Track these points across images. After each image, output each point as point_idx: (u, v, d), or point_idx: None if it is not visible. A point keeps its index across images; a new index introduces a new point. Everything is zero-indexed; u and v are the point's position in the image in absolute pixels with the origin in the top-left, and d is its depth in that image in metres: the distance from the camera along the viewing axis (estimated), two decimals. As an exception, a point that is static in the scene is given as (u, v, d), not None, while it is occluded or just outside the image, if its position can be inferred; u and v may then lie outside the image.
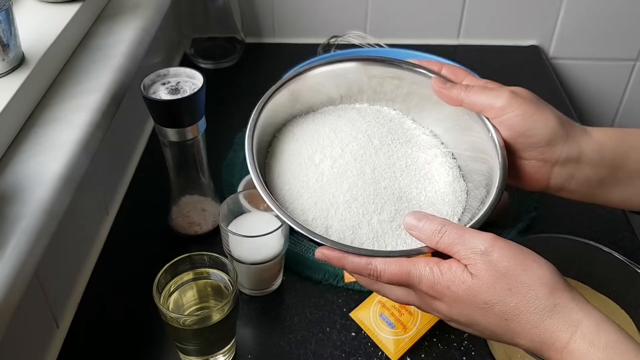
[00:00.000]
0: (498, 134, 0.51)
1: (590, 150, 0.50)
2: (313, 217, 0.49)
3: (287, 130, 0.56)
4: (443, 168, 0.55)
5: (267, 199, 0.47)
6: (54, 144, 0.58)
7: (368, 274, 0.45)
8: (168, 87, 0.62)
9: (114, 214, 0.77)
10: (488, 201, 0.49)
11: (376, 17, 1.10)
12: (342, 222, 0.49)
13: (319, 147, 0.53)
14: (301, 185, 0.51)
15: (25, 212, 0.50)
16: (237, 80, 1.04)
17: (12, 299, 0.46)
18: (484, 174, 0.52)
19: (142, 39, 0.77)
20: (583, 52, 1.13)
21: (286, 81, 0.54)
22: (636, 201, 0.53)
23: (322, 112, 0.58)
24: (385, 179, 0.52)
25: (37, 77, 0.62)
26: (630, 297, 0.60)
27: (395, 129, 0.57)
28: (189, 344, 0.57)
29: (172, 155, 0.67)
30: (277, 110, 0.55)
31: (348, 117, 0.56)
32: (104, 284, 0.69)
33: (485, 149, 0.52)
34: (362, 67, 0.57)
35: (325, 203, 0.50)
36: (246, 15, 1.10)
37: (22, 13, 0.70)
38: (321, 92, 0.58)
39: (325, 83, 0.57)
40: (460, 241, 0.43)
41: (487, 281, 0.42)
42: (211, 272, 0.59)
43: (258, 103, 0.52)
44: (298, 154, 0.53)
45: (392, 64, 0.56)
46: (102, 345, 0.62)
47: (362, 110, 0.58)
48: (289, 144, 0.54)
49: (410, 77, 0.56)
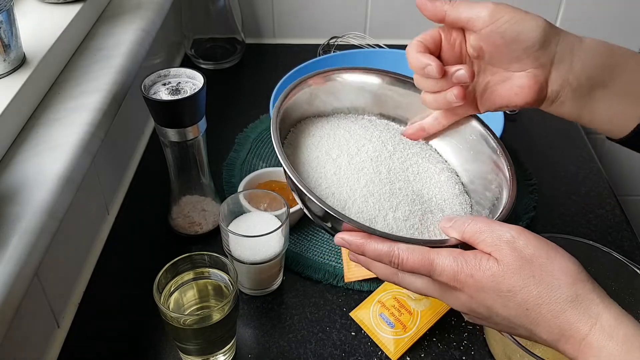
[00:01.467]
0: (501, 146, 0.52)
1: (582, 52, 0.50)
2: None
3: (303, 127, 0.57)
4: (450, 181, 0.55)
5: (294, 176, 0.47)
6: (54, 144, 0.58)
7: (390, 260, 0.44)
8: (169, 87, 0.62)
9: (114, 214, 0.77)
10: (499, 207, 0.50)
11: (376, 17, 1.10)
12: (359, 215, 0.49)
13: (336, 144, 0.54)
14: (319, 176, 0.51)
15: (26, 212, 0.51)
16: (238, 80, 1.04)
17: (13, 299, 0.46)
18: (487, 197, 0.53)
19: (142, 40, 0.77)
20: (582, 52, 1.13)
21: (310, 77, 0.55)
22: (618, 123, 0.53)
23: (334, 117, 0.59)
24: (400, 180, 0.52)
25: (38, 78, 0.62)
26: (630, 297, 0.60)
27: (405, 140, 0.58)
28: (189, 344, 0.57)
29: (173, 156, 0.67)
30: (296, 105, 0.55)
31: (360, 124, 0.58)
32: (105, 283, 0.69)
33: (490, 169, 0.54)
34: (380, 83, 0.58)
35: (343, 195, 0.50)
36: (246, 16, 1.10)
37: (23, 14, 0.70)
38: (335, 99, 0.58)
39: (343, 91, 0.58)
40: (488, 229, 0.43)
41: (512, 266, 0.41)
42: (211, 272, 0.59)
43: (285, 90, 0.53)
44: (315, 148, 0.54)
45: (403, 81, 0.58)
46: (102, 345, 0.63)
47: (373, 120, 0.59)
48: (305, 138, 0.55)
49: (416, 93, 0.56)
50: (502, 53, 0.50)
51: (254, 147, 0.88)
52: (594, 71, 0.50)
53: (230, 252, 0.63)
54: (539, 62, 0.49)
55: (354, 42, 1.07)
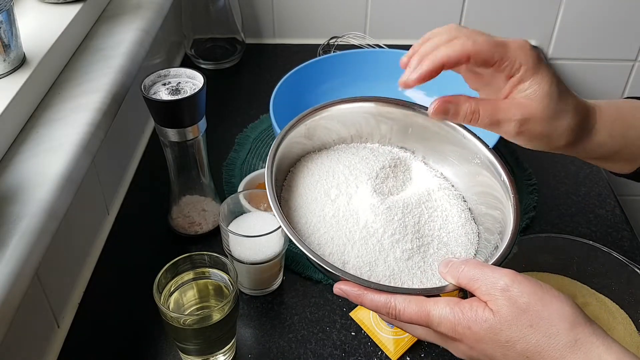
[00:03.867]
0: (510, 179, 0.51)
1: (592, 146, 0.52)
2: (330, 252, 0.48)
3: (301, 165, 0.56)
4: (455, 209, 0.54)
5: (289, 231, 0.46)
6: (55, 144, 0.58)
7: (387, 312, 0.44)
8: (169, 87, 0.62)
9: (114, 214, 0.77)
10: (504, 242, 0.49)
11: (376, 17, 1.10)
12: (359, 259, 0.48)
13: (335, 182, 0.53)
14: (317, 220, 0.50)
15: (26, 212, 0.51)
16: (238, 80, 1.04)
17: (13, 299, 0.46)
18: (495, 219, 0.52)
19: (142, 40, 0.77)
20: (582, 52, 1.13)
21: (303, 116, 0.54)
22: (616, 170, 0.56)
23: (335, 150, 0.58)
24: (401, 217, 0.51)
25: (38, 78, 0.62)
26: (630, 297, 0.60)
27: (408, 169, 0.57)
28: (189, 344, 0.57)
29: (173, 156, 0.67)
30: (293, 145, 0.55)
31: (361, 155, 0.56)
32: (105, 283, 0.69)
33: (495, 193, 0.53)
34: (376, 108, 0.57)
35: (342, 238, 0.49)
36: (246, 16, 1.10)
37: (23, 14, 0.70)
38: (335, 131, 0.58)
39: (340, 122, 0.57)
40: (482, 276, 0.43)
41: (509, 318, 0.41)
42: (211, 272, 0.59)
43: (277, 137, 0.52)
44: (314, 188, 0.53)
45: (405, 106, 0.56)
46: (102, 345, 0.63)
47: (374, 149, 0.58)
48: (304, 178, 0.54)
49: (421, 119, 0.56)
50: None
51: (254, 147, 0.88)
52: (597, 155, 0.53)
53: (230, 252, 0.63)
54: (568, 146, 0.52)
55: (354, 42, 1.07)
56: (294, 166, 0.56)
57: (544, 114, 0.48)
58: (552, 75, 0.48)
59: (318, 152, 0.58)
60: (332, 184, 0.53)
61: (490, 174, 0.53)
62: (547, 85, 0.48)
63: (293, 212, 0.51)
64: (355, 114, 0.57)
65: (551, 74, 0.48)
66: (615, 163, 0.55)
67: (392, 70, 0.95)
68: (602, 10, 1.07)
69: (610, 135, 0.52)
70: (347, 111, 0.57)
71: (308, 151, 0.57)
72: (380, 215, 0.50)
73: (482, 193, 0.55)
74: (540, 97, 0.48)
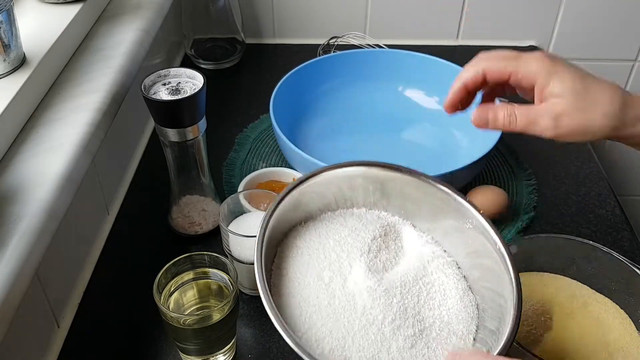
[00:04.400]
0: (506, 247, 0.50)
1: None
2: (330, 349, 0.46)
3: (290, 243, 0.54)
4: (451, 281, 0.53)
5: (286, 336, 0.45)
6: (55, 144, 0.58)
7: None
8: (169, 87, 0.62)
9: (114, 214, 0.77)
10: (506, 324, 0.47)
11: (376, 17, 1.10)
12: (361, 353, 0.46)
13: (327, 262, 0.51)
14: (313, 310, 0.48)
15: (26, 212, 0.51)
16: (238, 80, 1.05)
17: (13, 299, 0.46)
18: (492, 289, 0.51)
19: (142, 40, 0.77)
20: (582, 52, 1.13)
21: (289, 191, 0.53)
22: None
23: (322, 220, 0.56)
24: (400, 300, 0.50)
25: (38, 78, 0.62)
26: (630, 297, 0.60)
27: (399, 237, 0.56)
28: (189, 344, 0.57)
29: (173, 156, 0.67)
30: (280, 221, 0.53)
31: (350, 226, 0.55)
32: (105, 283, 0.69)
33: (490, 258, 0.51)
34: (361, 172, 0.56)
35: (341, 330, 0.47)
36: (246, 16, 1.10)
37: (23, 14, 0.70)
38: (320, 199, 0.56)
39: (324, 189, 0.56)
40: None
41: None
42: (211, 272, 0.59)
43: (262, 219, 0.51)
44: (305, 271, 0.51)
45: (391, 169, 0.55)
46: (102, 345, 0.63)
47: (362, 216, 0.57)
48: (294, 258, 0.52)
49: (407, 180, 0.55)
50: None
51: (254, 147, 0.88)
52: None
53: (230, 252, 0.63)
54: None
55: (354, 42, 1.07)
56: (282, 244, 0.54)
57: (576, 107, 0.50)
58: (574, 72, 0.51)
59: (305, 224, 0.56)
60: (324, 265, 0.51)
61: (485, 240, 0.52)
62: (570, 82, 0.50)
63: (285, 300, 0.49)
64: (340, 179, 0.56)
65: (572, 72, 0.51)
66: None
67: (392, 70, 0.96)
68: (602, 10, 1.07)
69: None
70: (331, 177, 0.55)
71: (294, 224, 0.56)
72: (378, 299, 0.49)
73: (475, 257, 0.54)
74: (566, 93, 0.50)
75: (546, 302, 0.61)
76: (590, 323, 0.60)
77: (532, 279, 0.64)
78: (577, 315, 0.60)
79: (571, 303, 0.61)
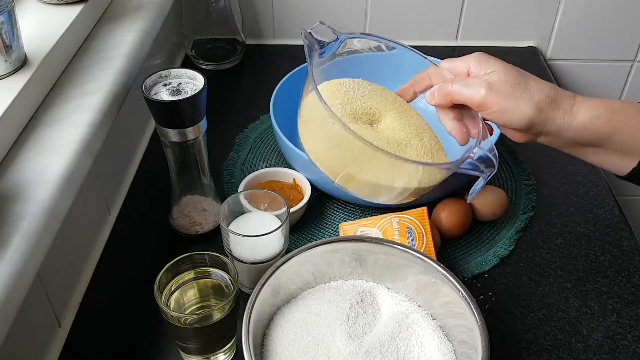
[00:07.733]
0: (468, 293, 0.55)
1: (571, 131, 0.53)
2: None
3: (275, 325, 0.58)
4: (427, 333, 0.57)
5: None
6: (56, 145, 0.58)
7: None
8: (169, 88, 0.63)
9: (115, 214, 0.78)
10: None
11: (376, 18, 1.11)
12: None
13: (310, 337, 0.56)
14: None
15: (27, 212, 0.51)
16: (238, 81, 1.05)
17: (15, 299, 0.47)
18: (464, 332, 0.55)
19: (143, 41, 0.77)
20: (580, 53, 1.13)
21: (267, 279, 0.57)
22: (613, 169, 0.57)
23: (303, 298, 0.61)
24: (380, 358, 0.54)
25: (40, 78, 0.63)
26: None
27: (374, 300, 0.61)
28: (190, 343, 0.57)
29: (174, 156, 0.67)
30: (263, 307, 0.57)
31: (328, 298, 0.60)
32: (106, 283, 0.69)
33: (458, 307, 0.55)
34: (330, 248, 0.60)
35: None
36: (247, 17, 1.11)
37: (24, 14, 0.71)
38: (297, 280, 0.61)
39: (301, 271, 0.61)
40: None
41: None
42: (212, 272, 0.59)
43: (246, 307, 0.54)
44: (292, 349, 0.55)
45: (359, 241, 0.61)
46: (103, 345, 0.63)
47: (339, 287, 0.61)
48: (280, 339, 0.57)
49: (377, 248, 0.60)
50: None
51: (254, 147, 0.88)
52: (583, 141, 0.54)
53: (231, 252, 0.64)
54: (526, 134, 0.55)
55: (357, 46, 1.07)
56: (269, 327, 0.59)
57: (507, 82, 0.53)
58: (510, 65, 0.55)
59: (287, 304, 0.60)
60: (309, 340, 0.56)
61: (449, 290, 0.56)
62: (503, 65, 0.55)
63: None
64: (314, 256, 0.60)
65: (507, 64, 0.55)
66: (610, 154, 0.55)
67: (392, 70, 0.96)
68: (601, 10, 1.08)
69: (594, 116, 0.53)
70: (304, 260, 0.59)
71: (278, 306, 0.60)
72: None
73: (446, 307, 0.58)
74: (500, 70, 0.54)
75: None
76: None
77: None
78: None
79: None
